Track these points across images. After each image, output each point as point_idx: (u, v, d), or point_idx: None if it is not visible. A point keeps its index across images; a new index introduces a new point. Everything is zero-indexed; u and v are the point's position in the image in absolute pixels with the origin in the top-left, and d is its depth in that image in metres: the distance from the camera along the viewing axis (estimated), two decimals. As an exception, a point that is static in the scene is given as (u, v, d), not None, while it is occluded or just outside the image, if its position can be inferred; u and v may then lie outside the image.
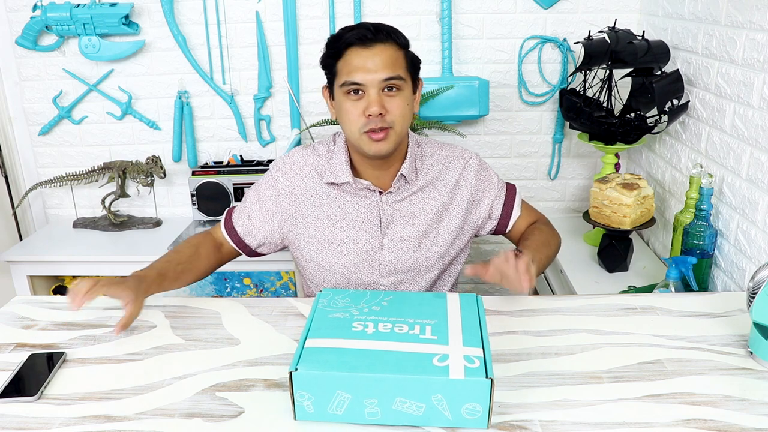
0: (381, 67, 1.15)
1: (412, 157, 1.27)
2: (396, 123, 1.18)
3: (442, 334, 0.90)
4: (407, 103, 1.19)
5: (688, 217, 1.55)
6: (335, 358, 0.84)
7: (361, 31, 1.15)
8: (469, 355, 0.85)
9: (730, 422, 0.84)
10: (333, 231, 1.27)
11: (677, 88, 1.66)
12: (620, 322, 1.10)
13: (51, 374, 0.97)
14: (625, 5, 2.03)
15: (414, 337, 0.89)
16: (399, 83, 1.16)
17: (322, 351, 0.86)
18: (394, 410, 0.83)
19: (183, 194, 2.31)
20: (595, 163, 2.24)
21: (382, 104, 1.15)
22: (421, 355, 0.85)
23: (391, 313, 0.96)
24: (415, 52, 1.23)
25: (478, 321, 0.94)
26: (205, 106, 2.19)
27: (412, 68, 1.21)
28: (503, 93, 2.15)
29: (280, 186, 1.29)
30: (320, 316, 0.96)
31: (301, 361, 0.84)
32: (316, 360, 0.84)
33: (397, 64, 1.17)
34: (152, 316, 1.15)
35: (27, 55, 2.13)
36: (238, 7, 2.07)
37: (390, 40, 1.17)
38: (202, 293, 2.05)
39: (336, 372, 0.82)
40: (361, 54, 1.15)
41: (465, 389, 0.81)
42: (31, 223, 2.33)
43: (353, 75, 1.15)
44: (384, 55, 1.15)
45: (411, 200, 1.27)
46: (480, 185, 1.32)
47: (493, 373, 0.81)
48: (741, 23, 1.43)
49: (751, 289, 0.97)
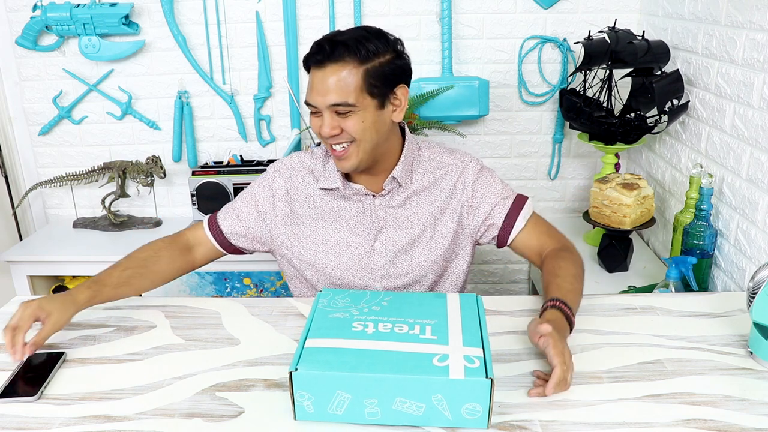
0: (329, 91, 1.11)
1: (407, 160, 1.25)
2: (358, 139, 1.15)
3: (442, 334, 0.90)
4: (364, 120, 1.14)
5: (688, 217, 1.55)
6: (335, 358, 0.84)
7: (319, 50, 1.12)
8: (469, 355, 0.85)
9: (730, 422, 0.84)
10: (327, 232, 1.27)
11: (677, 88, 1.66)
12: (620, 322, 1.10)
13: (51, 374, 0.97)
14: (625, 5, 2.03)
15: (414, 337, 0.89)
16: (348, 108, 1.13)
17: (322, 351, 0.86)
18: (394, 410, 0.83)
19: (183, 194, 2.31)
20: (595, 163, 2.24)
21: (335, 125, 1.14)
22: (421, 354, 0.85)
23: (391, 313, 0.96)
24: (409, 52, 1.18)
25: (478, 321, 0.94)
26: (205, 106, 2.19)
27: (376, 85, 1.13)
28: (503, 93, 2.15)
29: (276, 187, 1.29)
30: (320, 316, 0.96)
31: (301, 361, 0.83)
32: (316, 360, 0.84)
33: (348, 88, 1.11)
34: (152, 316, 1.15)
35: (27, 55, 2.12)
36: (238, 7, 2.07)
37: (345, 58, 1.11)
38: (202, 293, 2.05)
39: (336, 372, 0.82)
40: (316, 75, 1.13)
41: (465, 389, 0.81)
42: (31, 223, 2.33)
43: (309, 95, 1.15)
44: (334, 77, 1.11)
45: (405, 205, 1.26)
46: (479, 191, 1.27)
47: (494, 373, 0.81)
48: (741, 23, 1.43)
49: (751, 289, 0.97)
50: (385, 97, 1.16)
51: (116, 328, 1.11)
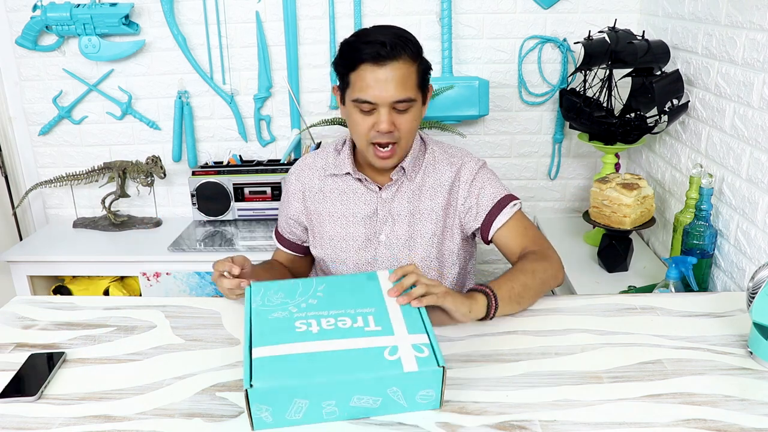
0: (393, 88, 1.14)
1: (414, 152, 1.28)
2: (403, 138, 1.20)
3: (385, 323, 0.91)
4: (416, 117, 1.20)
5: (688, 217, 1.55)
6: (288, 367, 0.83)
7: (377, 48, 1.12)
8: (417, 344, 0.87)
9: (730, 422, 0.84)
10: (334, 228, 1.30)
11: (677, 88, 1.66)
12: (620, 322, 1.10)
13: (51, 374, 0.97)
14: (625, 5, 2.03)
15: (359, 330, 0.89)
16: (409, 104, 1.17)
17: (273, 360, 0.84)
18: (352, 407, 0.84)
19: (183, 194, 2.31)
20: (595, 163, 2.24)
21: (392, 122, 1.16)
22: (371, 350, 0.86)
23: (328, 305, 0.95)
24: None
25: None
26: (205, 106, 2.19)
27: (423, 81, 1.20)
28: (503, 93, 2.15)
29: (293, 188, 1.35)
30: (259, 318, 0.93)
31: (254, 377, 0.81)
32: (269, 372, 0.82)
33: (409, 83, 1.16)
34: (152, 316, 1.15)
35: (27, 55, 2.12)
36: (238, 7, 2.07)
37: (404, 55, 1.14)
38: (202, 293, 2.05)
39: (292, 381, 0.81)
40: (374, 72, 1.14)
41: (419, 379, 0.83)
42: (31, 223, 2.33)
43: (365, 93, 1.15)
44: (397, 74, 1.14)
45: (409, 199, 1.28)
46: (476, 185, 1.28)
47: (443, 359, 0.84)
48: (741, 23, 1.43)
49: (751, 289, 0.97)
50: (425, 93, 1.23)
51: (116, 328, 1.11)
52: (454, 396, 0.90)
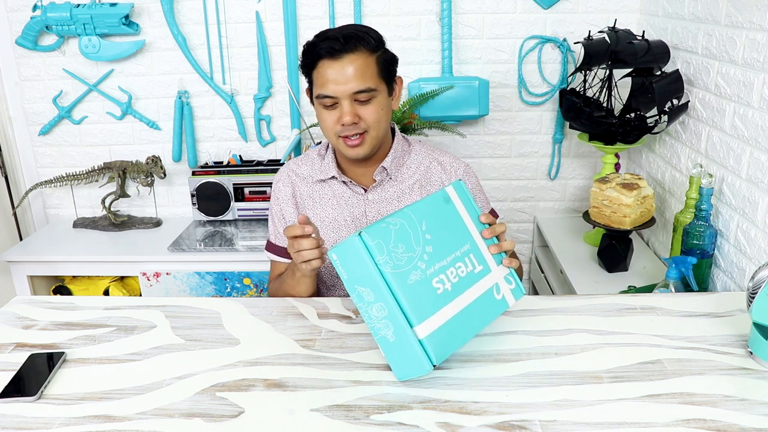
0: (351, 79, 1.17)
1: (396, 153, 1.31)
2: (371, 127, 1.22)
3: (481, 259, 1.00)
4: (381, 107, 1.22)
5: (688, 217, 1.55)
6: (450, 337, 0.91)
7: (330, 43, 1.16)
8: (506, 276, 1.01)
9: (730, 422, 0.84)
10: (326, 233, 1.32)
11: (677, 88, 1.66)
12: (620, 322, 1.10)
13: (51, 374, 0.97)
14: (625, 5, 2.03)
15: (473, 276, 0.97)
16: (370, 94, 1.19)
17: (437, 335, 0.90)
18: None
19: (183, 194, 2.31)
20: (595, 163, 2.24)
21: (355, 113, 1.19)
22: (487, 294, 0.97)
23: (441, 251, 0.95)
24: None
25: (478, 219, 1.02)
26: (205, 106, 2.19)
27: (385, 72, 1.22)
28: (503, 93, 2.15)
29: (284, 195, 1.35)
30: (402, 286, 0.88)
31: (432, 357, 0.88)
32: (443, 347, 0.90)
33: (368, 74, 1.18)
34: (152, 316, 1.15)
35: (27, 55, 2.13)
36: (238, 7, 2.07)
37: (360, 48, 1.17)
38: (202, 293, 2.05)
39: (457, 348, 0.94)
40: (331, 66, 1.17)
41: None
42: (31, 223, 2.33)
43: (325, 88, 1.18)
44: (354, 65, 1.17)
45: (398, 198, 1.30)
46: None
47: (522, 285, 1.04)
48: (741, 23, 1.43)
49: (751, 289, 0.97)
50: (390, 84, 1.25)
51: (116, 328, 1.11)
52: (454, 396, 0.90)
